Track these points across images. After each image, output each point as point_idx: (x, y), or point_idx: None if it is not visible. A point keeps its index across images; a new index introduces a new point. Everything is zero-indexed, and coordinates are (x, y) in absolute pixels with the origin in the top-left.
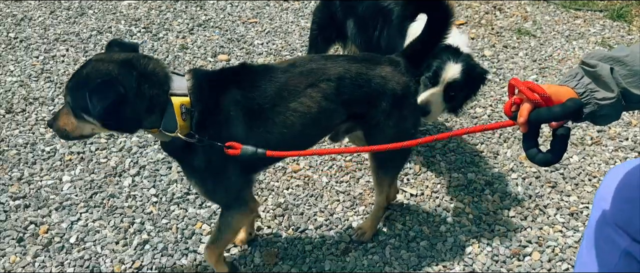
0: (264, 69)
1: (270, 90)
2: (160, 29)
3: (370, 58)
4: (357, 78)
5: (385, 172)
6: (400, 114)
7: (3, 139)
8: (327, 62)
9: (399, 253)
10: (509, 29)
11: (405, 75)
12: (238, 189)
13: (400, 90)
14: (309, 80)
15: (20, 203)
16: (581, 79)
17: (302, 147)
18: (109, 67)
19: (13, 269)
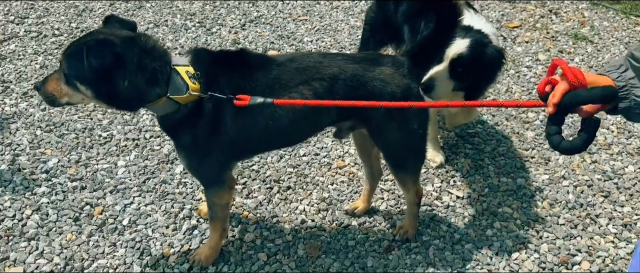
0: (262, 59)
1: (263, 81)
2: (214, 24)
3: (372, 58)
4: (352, 79)
5: (404, 171)
6: (404, 116)
7: (63, 123)
8: (324, 61)
9: (443, 254)
10: (565, 33)
11: (406, 77)
12: (217, 171)
13: (400, 93)
14: (303, 77)
15: (77, 185)
16: (624, 72)
17: (288, 141)
18: (110, 37)
19: (69, 246)
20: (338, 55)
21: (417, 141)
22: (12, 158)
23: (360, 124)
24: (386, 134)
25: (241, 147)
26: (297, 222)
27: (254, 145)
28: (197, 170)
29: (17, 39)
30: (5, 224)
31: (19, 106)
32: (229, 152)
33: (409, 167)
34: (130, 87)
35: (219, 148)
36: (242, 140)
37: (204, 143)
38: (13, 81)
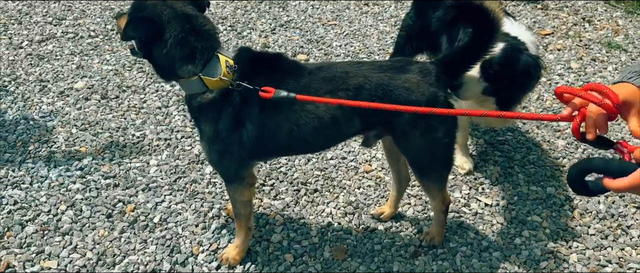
0: (294, 66)
1: (292, 87)
2: (245, 28)
3: (398, 66)
4: (377, 89)
5: (428, 179)
6: (428, 124)
7: (98, 122)
8: (350, 71)
9: (470, 261)
10: (598, 41)
11: (433, 85)
12: (236, 167)
13: (424, 101)
14: (329, 87)
15: (110, 182)
16: None
17: (311, 148)
18: (164, 10)
19: (101, 242)
20: (365, 64)
21: (443, 149)
22: (48, 155)
23: (385, 131)
24: (410, 142)
25: (262, 148)
26: (324, 225)
27: (276, 148)
28: (216, 163)
29: (54, 40)
30: (41, 219)
31: (56, 105)
32: (249, 150)
33: (434, 175)
34: (166, 57)
35: (238, 145)
36: (263, 140)
37: (225, 137)
38: (50, 80)
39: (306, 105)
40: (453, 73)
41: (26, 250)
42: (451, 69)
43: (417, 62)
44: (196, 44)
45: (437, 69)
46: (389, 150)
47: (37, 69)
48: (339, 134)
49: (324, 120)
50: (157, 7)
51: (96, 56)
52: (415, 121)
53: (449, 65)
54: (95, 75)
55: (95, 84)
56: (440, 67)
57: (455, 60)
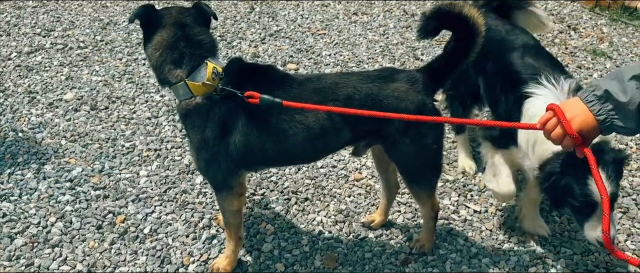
0: (284, 77)
1: (282, 98)
2: (235, 38)
3: (386, 75)
4: (366, 99)
5: (418, 185)
6: (418, 131)
7: (87, 133)
8: (339, 82)
9: (459, 268)
10: (583, 49)
11: (421, 92)
12: (224, 176)
13: (413, 109)
14: (318, 98)
15: (100, 194)
16: (604, 104)
17: (300, 159)
18: (164, 14)
19: (91, 253)
20: (354, 74)
21: (432, 155)
22: (37, 167)
23: (375, 140)
24: (401, 149)
25: (250, 158)
26: (315, 233)
27: (264, 159)
28: (203, 171)
29: (43, 51)
30: (30, 231)
31: (45, 116)
32: (236, 160)
33: (424, 182)
34: (158, 58)
35: (225, 153)
36: (251, 150)
37: (211, 145)
38: (39, 92)
39: (295, 116)
40: (438, 79)
41: (15, 262)
42: (436, 76)
43: (404, 70)
44: (185, 50)
45: (424, 77)
46: (378, 158)
47: (25, 81)
48: (328, 145)
49: (313, 131)
50: (158, 9)
51: (85, 67)
52: (405, 129)
53: (434, 72)
54: (84, 86)
55: (84, 95)
56: (426, 75)
57: (440, 67)
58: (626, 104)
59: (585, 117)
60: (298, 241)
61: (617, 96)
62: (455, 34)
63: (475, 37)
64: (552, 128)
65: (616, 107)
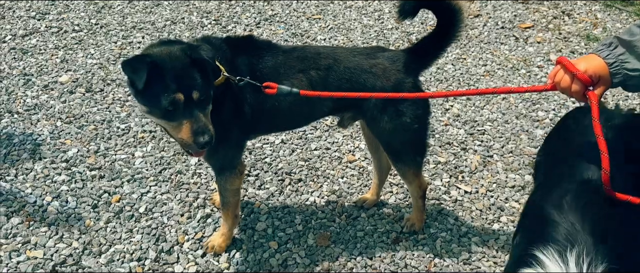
0: (268, 44)
1: (270, 63)
2: (230, 22)
3: (369, 52)
4: (345, 72)
5: (403, 163)
6: (396, 110)
7: (82, 115)
8: (322, 52)
9: (449, 246)
10: (577, 34)
11: (400, 71)
12: (233, 155)
13: (390, 88)
14: (302, 66)
15: (95, 174)
16: (614, 50)
17: (289, 125)
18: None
19: (87, 232)
20: (339, 48)
21: (412, 134)
22: (33, 147)
23: (358, 115)
24: (380, 126)
25: (253, 126)
26: (308, 213)
27: (263, 125)
28: (214, 157)
29: (38, 34)
30: (26, 210)
31: (40, 98)
32: (245, 129)
33: (407, 159)
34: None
35: (238, 128)
36: (255, 118)
37: (226, 126)
38: (34, 74)
39: (283, 82)
40: (423, 61)
41: (12, 240)
42: (421, 57)
43: (389, 50)
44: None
45: (407, 57)
46: (368, 137)
47: (20, 63)
48: (314, 111)
49: (300, 98)
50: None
51: (80, 50)
52: (384, 106)
53: (419, 54)
54: (79, 69)
55: (79, 78)
56: (410, 55)
57: (424, 49)
58: (635, 42)
59: (595, 63)
60: (291, 220)
61: (625, 37)
62: (438, 18)
63: (457, 21)
64: (561, 78)
65: (626, 50)
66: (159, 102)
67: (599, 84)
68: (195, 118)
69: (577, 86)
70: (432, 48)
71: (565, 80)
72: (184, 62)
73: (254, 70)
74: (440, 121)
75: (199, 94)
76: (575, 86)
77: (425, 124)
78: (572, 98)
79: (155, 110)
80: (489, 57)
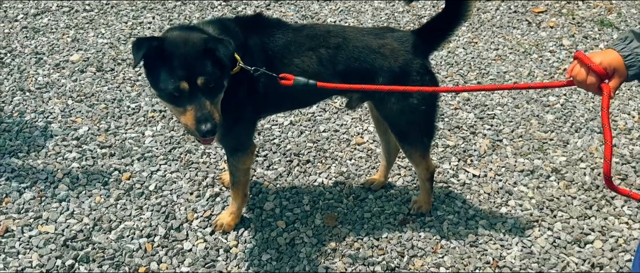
0: (278, 22)
1: (281, 41)
2: (240, 3)
3: (378, 32)
4: (353, 51)
5: (410, 145)
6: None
7: (93, 94)
8: (332, 31)
9: (456, 228)
10: (591, 19)
11: (409, 52)
12: (246, 135)
13: (398, 68)
14: (312, 43)
15: (106, 152)
16: (629, 43)
17: (300, 104)
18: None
19: (97, 208)
20: (349, 27)
21: (420, 116)
22: (44, 125)
23: (366, 96)
24: (387, 107)
25: (265, 105)
26: (315, 194)
27: (275, 104)
28: (227, 138)
29: (49, 13)
30: (38, 186)
31: (51, 77)
32: (258, 108)
33: (414, 141)
34: None
35: (251, 108)
36: (268, 97)
37: (240, 106)
38: (46, 53)
39: (294, 60)
40: (432, 42)
41: (24, 215)
42: (430, 38)
43: (398, 30)
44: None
45: (416, 38)
46: (377, 119)
47: (32, 42)
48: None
49: (309, 74)
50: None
51: (91, 29)
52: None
53: (428, 34)
54: (90, 48)
55: (90, 57)
56: (419, 36)
57: (434, 30)
58: None
59: (610, 56)
60: (299, 200)
61: None
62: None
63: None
64: (578, 72)
65: None
66: (166, 86)
67: (614, 77)
68: (200, 105)
69: (593, 78)
70: (441, 29)
71: (582, 73)
72: (196, 49)
73: (266, 50)
74: (449, 105)
75: (205, 80)
76: (591, 78)
77: (433, 105)
78: (588, 91)
79: (162, 93)
80: (500, 41)
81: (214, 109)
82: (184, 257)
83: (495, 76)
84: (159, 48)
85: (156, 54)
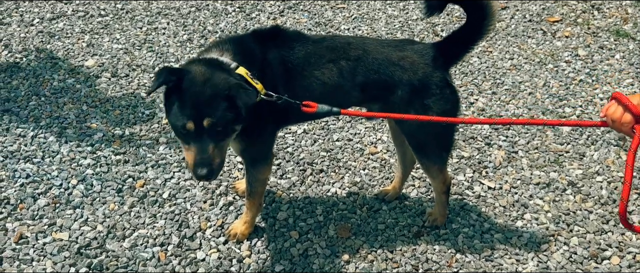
0: (297, 35)
1: (301, 53)
2: (254, 10)
3: (398, 44)
4: (373, 63)
5: (427, 158)
6: (422, 104)
7: (108, 100)
8: (353, 42)
9: (472, 242)
10: (606, 29)
11: (429, 65)
12: (267, 147)
13: (417, 81)
14: (332, 55)
15: (120, 159)
16: None
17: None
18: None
19: (111, 215)
20: (369, 39)
21: (439, 129)
22: (59, 131)
23: (385, 108)
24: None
25: (286, 117)
26: (329, 204)
27: (295, 116)
28: (249, 151)
29: (65, 18)
30: (52, 192)
31: (67, 82)
32: (279, 121)
33: (432, 154)
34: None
35: (272, 121)
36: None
37: (262, 120)
38: (61, 58)
39: (314, 72)
40: (452, 55)
41: (38, 222)
42: (450, 51)
43: (419, 42)
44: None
45: (436, 51)
46: (394, 130)
47: (48, 47)
48: (343, 102)
49: (329, 86)
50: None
51: (106, 35)
52: (410, 100)
53: (448, 48)
54: (105, 54)
55: (105, 62)
56: (440, 49)
57: (454, 43)
58: None
59: None
60: (312, 210)
61: None
62: (466, 10)
63: (487, 15)
64: (614, 110)
65: None
66: (175, 121)
67: None
68: (202, 148)
69: (628, 117)
70: (462, 42)
71: (618, 111)
72: (215, 92)
73: (285, 63)
74: (464, 115)
75: (211, 123)
76: (627, 117)
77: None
78: (620, 132)
79: (171, 125)
80: (515, 50)
81: (217, 153)
82: (197, 267)
83: (510, 86)
84: (178, 81)
85: (175, 87)
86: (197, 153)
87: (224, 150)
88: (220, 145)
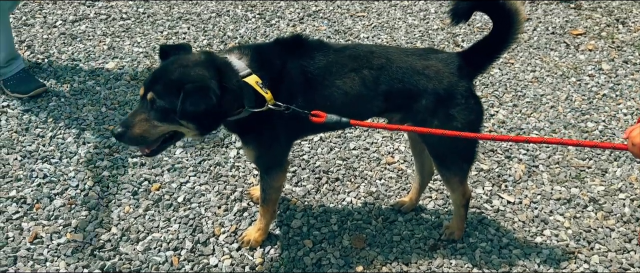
0: (319, 44)
1: (322, 63)
2: (273, 16)
3: (422, 53)
4: (397, 72)
5: (448, 170)
6: (447, 113)
7: (127, 102)
8: (376, 51)
9: (489, 257)
10: (631, 44)
11: (454, 75)
12: (282, 155)
13: (443, 90)
14: (354, 64)
15: (136, 161)
16: None
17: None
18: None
19: (126, 218)
20: (392, 47)
21: (462, 141)
22: (78, 132)
23: (407, 117)
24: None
25: (301, 129)
26: (344, 213)
27: (309, 128)
28: (263, 158)
29: (87, 20)
30: (68, 193)
31: (87, 83)
32: (294, 132)
33: (454, 166)
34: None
35: (286, 130)
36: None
37: (277, 128)
38: (82, 60)
39: (335, 82)
40: (477, 65)
41: (54, 222)
42: (475, 60)
43: (443, 51)
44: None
45: (461, 60)
46: (413, 140)
47: (69, 48)
48: (363, 112)
49: (351, 96)
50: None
51: (127, 38)
52: (434, 109)
53: (473, 57)
54: (126, 57)
55: (125, 65)
56: (465, 58)
57: (480, 53)
58: None
59: None
60: (327, 219)
61: None
62: (492, 18)
63: (513, 23)
64: (637, 133)
65: None
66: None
67: None
68: (134, 112)
69: None
70: (488, 52)
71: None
72: (175, 75)
73: (305, 73)
74: (484, 127)
75: (152, 98)
76: None
77: (476, 131)
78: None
79: None
80: (537, 62)
81: (141, 125)
82: None
83: (532, 99)
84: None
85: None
86: (129, 114)
87: (151, 130)
88: (152, 122)
